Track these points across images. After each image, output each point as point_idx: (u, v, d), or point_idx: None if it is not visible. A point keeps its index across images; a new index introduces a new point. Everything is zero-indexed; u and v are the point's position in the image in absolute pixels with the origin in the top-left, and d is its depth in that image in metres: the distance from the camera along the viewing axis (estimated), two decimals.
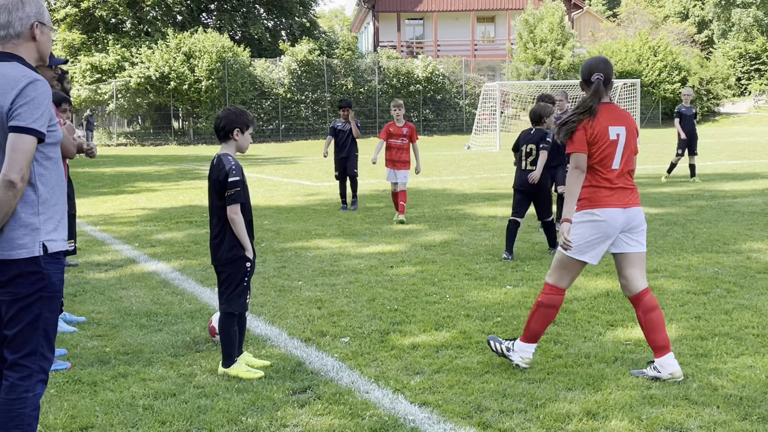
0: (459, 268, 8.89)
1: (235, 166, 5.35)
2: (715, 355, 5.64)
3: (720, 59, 65.48)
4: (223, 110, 5.53)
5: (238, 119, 5.42)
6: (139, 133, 48.62)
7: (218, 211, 5.39)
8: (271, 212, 14.30)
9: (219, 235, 5.40)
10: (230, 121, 5.41)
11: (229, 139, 5.44)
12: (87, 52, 48.27)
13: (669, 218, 12.31)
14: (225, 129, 5.42)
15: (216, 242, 5.43)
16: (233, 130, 5.41)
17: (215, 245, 5.44)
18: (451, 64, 52.40)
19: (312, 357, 5.84)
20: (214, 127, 5.54)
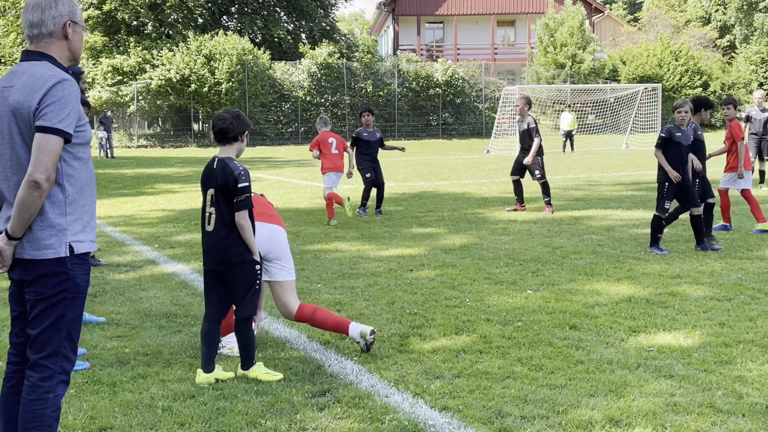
0: (479, 272, 8.84)
1: (243, 171, 5.25)
2: (740, 362, 5.56)
3: (742, 64, 64.95)
4: (225, 113, 5.37)
5: (244, 122, 5.37)
6: (159, 135, 48.80)
7: (227, 217, 5.24)
8: (291, 215, 14.29)
9: (226, 238, 5.25)
10: (240, 124, 5.33)
11: (234, 143, 5.36)
12: (108, 54, 48.54)
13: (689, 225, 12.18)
14: (234, 132, 5.32)
15: (222, 246, 5.27)
16: (242, 134, 5.36)
17: (221, 249, 5.27)
18: (471, 68, 52.26)
19: (331, 360, 5.81)
20: (218, 130, 5.34)
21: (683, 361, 5.60)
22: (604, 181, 19.84)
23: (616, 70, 53.90)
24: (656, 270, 8.77)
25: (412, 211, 14.44)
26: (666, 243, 10.51)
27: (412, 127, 49.83)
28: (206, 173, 5.38)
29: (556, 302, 7.38)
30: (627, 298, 7.51)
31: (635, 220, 12.64)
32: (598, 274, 8.60)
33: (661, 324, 6.56)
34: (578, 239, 10.97)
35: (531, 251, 10.11)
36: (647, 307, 7.14)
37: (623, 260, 9.39)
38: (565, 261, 9.44)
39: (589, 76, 50.76)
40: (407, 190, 18.39)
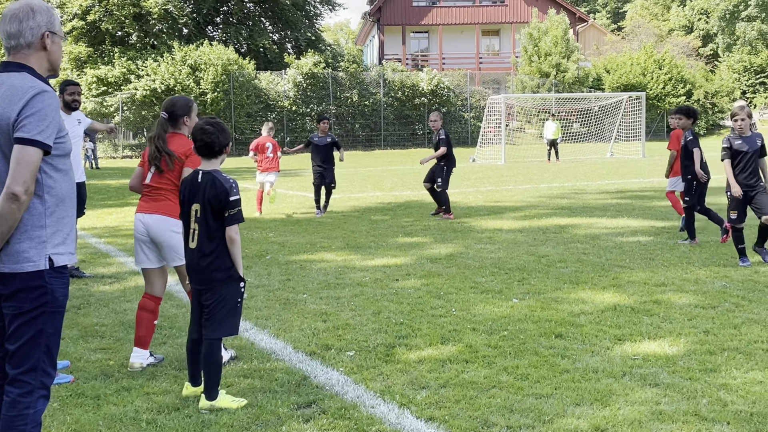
0: (464, 282, 8.84)
1: (234, 183, 5.11)
2: (725, 370, 5.58)
3: (725, 72, 65.44)
4: (207, 125, 5.16)
5: (227, 134, 5.21)
6: (144, 146, 48.52)
7: (214, 231, 5.08)
8: (276, 225, 14.27)
9: (212, 254, 5.08)
10: (225, 137, 5.18)
11: (219, 155, 5.22)
12: (93, 64, 48.39)
13: (675, 231, 12.26)
14: (220, 145, 5.17)
15: (208, 262, 5.07)
16: (227, 146, 5.22)
17: (207, 266, 5.08)
18: (456, 77, 52.42)
19: (317, 371, 5.79)
20: (203, 144, 5.15)
21: (668, 369, 5.61)
22: (589, 190, 19.92)
23: (600, 78, 54.17)
24: (641, 278, 8.80)
25: (398, 221, 14.44)
26: (650, 252, 10.56)
27: (397, 136, 49.89)
28: (190, 188, 5.19)
29: (541, 311, 7.39)
30: (612, 306, 7.52)
31: (620, 229, 12.69)
32: (584, 283, 8.62)
33: (646, 332, 6.58)
34: (563, 248, 11.00)
35: (516, 260, 10.12)
36: (632, 316, 7.16)
37: (608, 268, 9.42)
38: (551, 270, 9.46)
39: (574, 85, 51.01)
40: (393, 200, 18.40)
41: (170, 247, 5.96)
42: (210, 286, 5.11)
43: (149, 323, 6.04)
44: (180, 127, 6.07)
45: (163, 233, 5.94)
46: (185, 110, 6.08)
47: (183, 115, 6.07)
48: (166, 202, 5.97)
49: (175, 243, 5.93)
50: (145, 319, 6.03)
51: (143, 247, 6.05)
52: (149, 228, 5.95)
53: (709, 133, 54.36)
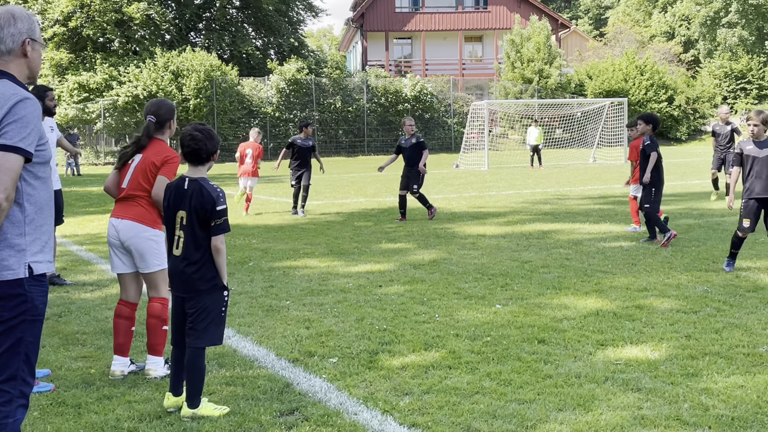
0: (448, 287, 8.85)
1: (221, 192, 5.06)
2: (706, 374, 5.61)
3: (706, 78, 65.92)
4: (196, 131, 5.09)
5: (216, 141, 5.15)
6: None
7: (201, 240, 5.04)
8: (260, 231, 14.24)
9: (197, 263, 5.02)
10: (213, 144, 5.12)
11: (207, 162, 5.16)
12: (74, 71, 48.20)
13: None
14: (208, 152, 5.12)
15: (194, 270, 5.02)
16: (215, 153, 5.16)
17: (192, 274, 5.02)
18: (439, 83, 52.56)
19: (300, 378, 5.77)
20: (190, 151, 5.09)
21: (650, 374, 5.63)
22: (571, 195, 19.99)
23: (582, 84, 54.46)
24: (623, 283, 8.83)
25: (382, 227, 14.44)
26: (633, 257, 10.60)
27: (381, 142, 49.94)
28: (175, 194, 5.14)
29: (524, 316, 7.41)
30: (595, 311, 7.55)
31: (603, 234, 12.74)
32: (566, 288, 8.64)
33: (629, 337, 6.61)
34: (546, 253, 11.03)
35: (500, 265, 10.14)
36: (615, 321, 7.18)
37: (591, 274, 9.45)
38: (534, 275, 9.48)
39: (556, 91, 51.25)
40: (376, 206, 18.40)
41: (140, 254, 5.88)
42: (193, 294, 5.07)
43: (127, 330, 6.00)
44: (163, 132, 6.04)
45: (134, 239, 5.86)
46: (171, 114, 6.05)
47: (169, 119, 6.04)
48: (139, 208, 5.90)
49: (145, 249, 5.86)
50: (122, 325, 5.99)
51: (116, 252, 5.99)
52: (120, 233, 5.89)
53: (691, 138, 54.74)
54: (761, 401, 5.05)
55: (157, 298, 5.97)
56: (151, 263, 5.91)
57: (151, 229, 5.89)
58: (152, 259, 5.90)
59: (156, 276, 5.95)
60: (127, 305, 6.07)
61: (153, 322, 5.94)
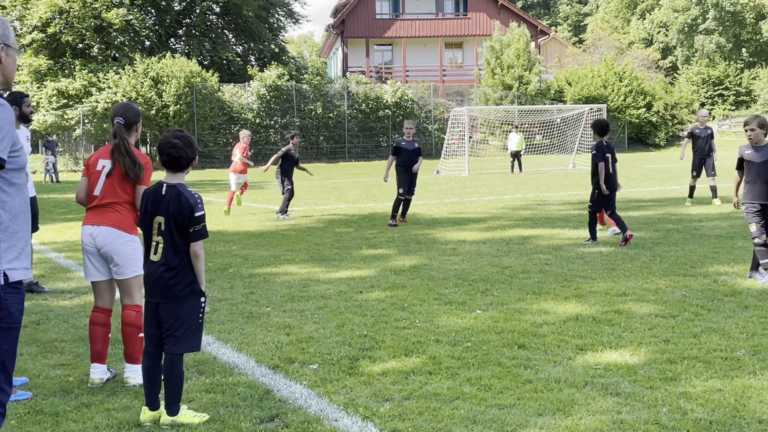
0: (428, 293, 8.86)
1: (199, 198, 5.04)
2: (685, 378, 5.65)
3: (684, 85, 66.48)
4: (175, 138, 5.06)
5: (195, 148, 5.13)
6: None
7: (180, 246, 5.01)
8: (240, 237, 14.20)
9: (176, 268, 4.99)
10: (192, 151, 5.10)
11: (186, 169, 5.13)
12: (53, 77, 47.93)
13: (637, 242, 12.38)
14: (187, 160, 5.09)
15: (172, 275, 5.00)
16: (194, 159, 5.15)
17: (170, 279, 5.00)
18: (420, 90, 52.68)
19: (280, 384, 5.76)
20: (169, 158, 5.06)
21: (629, 379, 5.66)
22: (551, 201, 20.08)
23: (562, 91, 54.77)
24: (603, 288, 8.88)
25: (362, 233, 14.44)
26: (612, 262, 10.66)
27: (362, 149, 49.98)
28: (152, 200, 5.11)
29: (504, 322, 7.43)
30: (574, 316, 7.58)
31: (582, 239, 12.80)
32: (546, 293, 8.68)
33: (608, 342, 6.64)
34: (526, 258, 11.07)
35: (480, 271, 10.17)
36: (594, 325, 7.22)
37: (571, 279, 9.49)
38: (514, 280, 9.51)
39: (536, 97, 51.49)
40: (357, 212, 18.40)
41: (118, 260, 5.84)
42: (171, 300, 5.04)
43: (104, 337, 5.96)
44: (131, 135, 6.01)
45: (112, 245, 5.82)
46: (137, 117, 6.03)
47: (136, 122, 6.02)
48: (116, 215, 5.87)
49: (123, 255, 5.83)
50: (98, 333, 5.96)
51: (91, 259, 5.94)
52: (96, 239, 5.84)
53: (669, 144, 55.13)
54: (739, 405, 5.08)
55: (132, 305, 5.94)
56: (128, 270, 5.88)
57: (128, 235, 5.86)
58: (129, 266, 5.87)
59: (131, 282, 5.92)
60: (102, 312, 6.04)
61: (129, 330, 5.90)
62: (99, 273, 5.98)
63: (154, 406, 5.12)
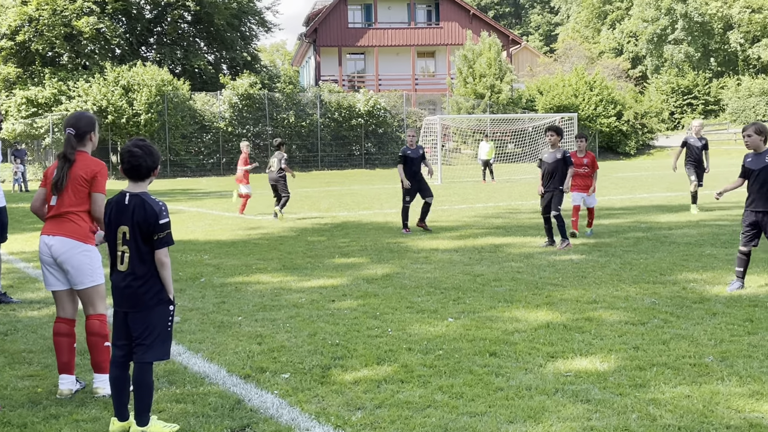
0: (401, 302, 8.87)
1: (164, 206, 5.02)
2: (654, 385, 5.70)
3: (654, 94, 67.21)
4: (135, 147, 5.03)
5: (157, 156, 5.11)
6: None
7: (145, 254, 4.99)
8: (211, 247, 14.13)
9: (143, 277, 4.98)
10: (153, 159, 5.07)
11: (147, 178, 5.11)
12: (22, 85, 47.44)
13: (607, 249, 12.49)
14: (148, 168, 5.07)
15: (138, 285, 4.97)
16: (155, 169, 5.11)
17: (138, 288, 4.97)
18: (393, 98, 52.77)
19: (251, 394, 5.74)
20: (130, 167, 5.04)
21: (599, 385, 5.70)
22: (523, 209, 20.18)
23: (533, 100, 55.12)
24: (573, 296, 8.94)
25: (335, 241, 14.43)
26: (582, 270, 10.74)
27: (335, 157, 49.95)
28: (116, 209, 5.07)
29: (476, 330, 7.45)
30: (545, 324, 7.62)
31: (553, 247, 12.87)
32: (518, 301, 8.72)
33: (578, 349, 6.69)
34: (498, 267, 11.12)
35: (452, 279, 10.20)
36: (565, 333, 7.26)
37: (542, 287, 9.54)
38: (486, 288, 9.55)
39: (508, 106, 51.76)
40: (330, 220, 18.38)
41: (74, 270, 5.79)
42: (139, 309, 5.01)
43: (69, 347, 5.90)
44: (85, 144, 5.96)
45: (67, 254, 5.77)
46: (91, 126, 5.97)
47: (89, 132, 5.95)
48: (72, 224, 5.83)
49: (79, 265, 5.79)
50: (63, 343, 5.89)
51: (50, 270, 5.88)
52: (53, 249, 5.80)
53: (639, 153, 55.63)
54: (707, 411, 5.14)
55: (95, 315, 5.88)
56: (86, 279, 5.83)
57: (84, 245, 5.81)
58: (87, 275, 5.82)
59: (91, 292, 5.87)
60: (65, 322, 5.97)
61: (94, 339, 5.85)
62: (58, 282, 5.91)
63: (123, 417, 5.07)
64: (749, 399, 5.34)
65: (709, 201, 18.49)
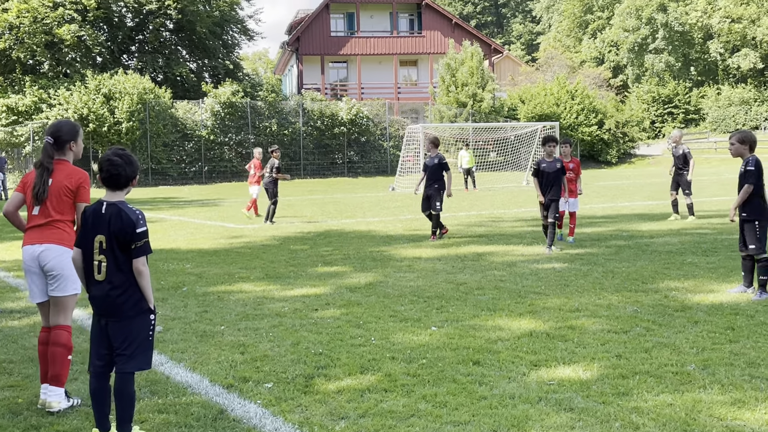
0: (384, 310, 8.86)
1: (140, 215, 4.98)
2: (636, 393, 5.72)
3: (635, 103, 67.70)
4: (115, 156, 5.00)
5: (136, 166, 5.08)
6: None
7: (122, 264, 4.94)
8: (194, 255, 14.07)
9: (121, 287, 4.93)
10: (133, 169, 5.05)
11: (125, 187, 5.07)
12: (3, 93, 47.15)
13: (589, 258, 12.54)
14: (127, 178, 5.04)
15: (118, 294, 4.92)
16: (134, 178, 5.08)
17: (117, 297, 4.92)
18: (375, 107, 52.83)
19: (234, 404, 5.71)
20: (109, 176, 5.01)
21: (582, 394, 5.72)
22: (505, 218, 20.24)
23: (515, 108, 55.34)
24: (556, 304, 8.96)
25: (318, 250, 14.41)
26: (565, 278, 10.77)
27: (317, 166, 49.93)
28: (93, 218, 5.03)
29: (459, 338, 7.46)
30: (528, 332, 7.64)
31: (536, 256, 12.92)
32: (501, 310, 8.73)
33: (561, 357, 6.70)
34: (481, 275, 11.13)
35: (435, 288, 10.20)
36: (548, 341, 7.28)
37: (525, 295, 9.56)
38: (469, 297, 9.56)
39: (490, 115, 51.94)
40: (313, 229, 18.35)
41: (61, 276, 5.75)
42: (118, 318, 4.96)
43: (62, 358, 5.79)
44: (66, 153, 5.90)
45: (57, 260, 5.73)
46: (72, 135, 5.91)
47: (69, 140, 5.89)
48: (60, 232, 5.79)
49: (67, 272, 5.75)
50: (55, 353, 5.77)
51: (35, 280, 5.82)
52: (42, 257, 5.74)
53: (621, 161, 55.95)
54: (689, 419, 5.16)
55: (64, 325, 5.82)
56: (69, 286, 5.79)
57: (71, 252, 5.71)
58: (71, 282, 5.78)
59: (69, 300, 5.84)
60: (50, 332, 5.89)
61: (59, 351, 5.75)
62: (44, 294, 5.86)
63: (104, 428, 5.03)
64: (731, 407, 5.37)
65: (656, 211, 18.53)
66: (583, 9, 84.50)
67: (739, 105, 65.09)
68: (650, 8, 71.50)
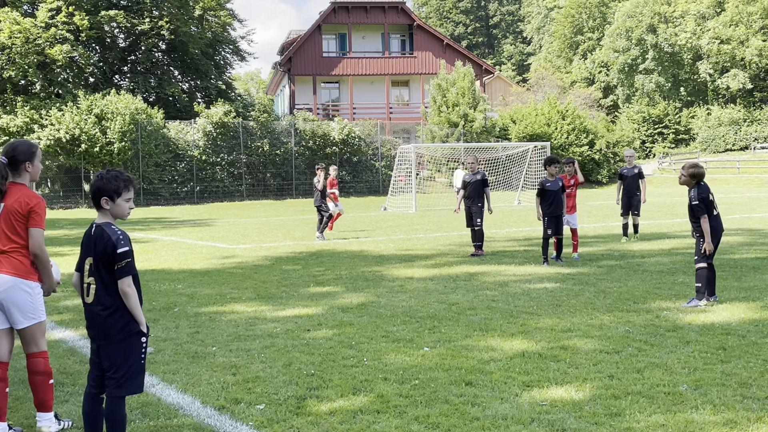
0: (376, 331, 8.85)
1: (122, 235, 4.91)
2: (629, 414, 5.72)
3: (625, 123, 68.04)
4: (96, 175, 5.02)
5: (106, 186, 4.96)
6: (48, 196, 47.36)
7: (109, 286, 4.91)
8: (185, 276, 14.04)
9: (109, 309, 4.88)
10: (98, 189, 4.96)
11: (100, 208, 5.01)
12: None
13: (581, 278, 12.56)
14: (94, 197, 4.99)
15: (106, 315, 4.89)
16: (100, 199, 4.97)
17: (106, 318, 4.89)
18: (367, 127, 52.97)
19: (226, 425, 5.69)
20: (92, 193, 5.00)
21: (575, 415, 5.71)
22: (497, 237, 20.26)
23: (506, 128, 55.56)
24: (548, 324, 8.97)
25: (310, 270, 14.40)
26: (557, 298, 10.78)
27: (309, 185, 49.87)
28: (85, 241, 5.03)
29: (452, 359, 7.45)
30: (521, 352, 7.64)
31: (528, 275, 12.94)
32: (493, 330, 8.73)
33: (554, 378, 6.70)
34: (473, 295, 11.14)
35: (427, 308, 10.20)
36: (540, 362, 7.28)
37: (517, 315, 9.57)
38: (461, 317, 9.56)
39: (481, 135, 52.13)
40: (305, 249, 18.34)
41: (16, 308, 5.51)
42: (109, 341, 4.92)
43: (1, 392, 5.53)
44: (21, 174, 5.66)
45: (9, 292, 5.46)
46: (27, 155, 5.67)
47: (25, 161, 5.64)
48: (12, 260, 5.51)
49: (21, 303, 5.52)
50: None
51: None
52: None
53: (611, 181, 56.12)
54: None
55: (39, 353, 5.62)
56: (28, 317, 5.55)
57: (26, 281, 5.53)
58: (27, 314, 5.54)
59: (34, 330, 5.60)
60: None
61: (39, 379, 5.59)
62: (4, 322, 5.59)
63: None
64: (723, 427, 5.37)
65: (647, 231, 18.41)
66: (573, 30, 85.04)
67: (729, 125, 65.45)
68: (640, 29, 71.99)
